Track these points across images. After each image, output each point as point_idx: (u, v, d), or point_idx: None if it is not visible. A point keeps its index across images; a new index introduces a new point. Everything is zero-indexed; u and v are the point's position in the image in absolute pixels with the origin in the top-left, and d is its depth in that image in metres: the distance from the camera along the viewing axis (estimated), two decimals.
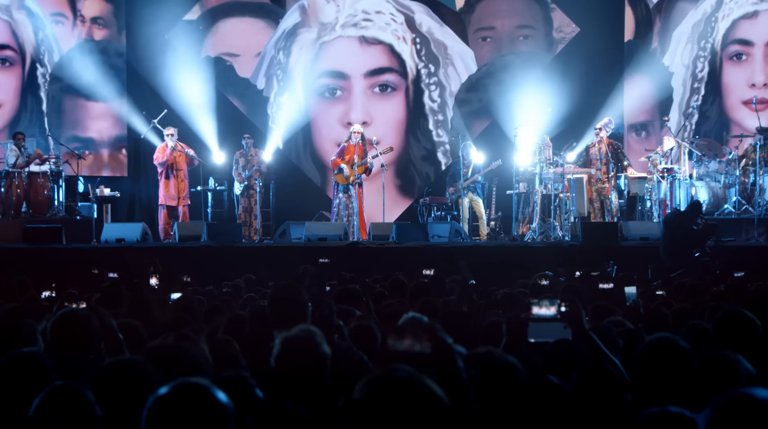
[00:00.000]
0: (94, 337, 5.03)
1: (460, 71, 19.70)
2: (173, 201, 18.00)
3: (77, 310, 5.23)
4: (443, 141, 19.79)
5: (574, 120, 19.24)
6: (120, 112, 19.97)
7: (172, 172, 17.99)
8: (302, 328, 4.49)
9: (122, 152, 20.35)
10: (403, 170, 19.64)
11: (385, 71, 19.57)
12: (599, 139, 17.18)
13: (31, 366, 4.10)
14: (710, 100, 19.37)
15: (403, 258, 15.36)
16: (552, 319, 4.42)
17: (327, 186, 19.92)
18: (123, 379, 3.77)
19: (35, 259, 14.95)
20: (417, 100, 19.72)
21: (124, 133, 20.17)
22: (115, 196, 18.70)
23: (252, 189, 18.68)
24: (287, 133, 19.70)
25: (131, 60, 20.40)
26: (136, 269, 13.54)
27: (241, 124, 20.19)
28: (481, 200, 18.52)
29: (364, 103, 19.63)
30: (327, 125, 19.83)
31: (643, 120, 19.78)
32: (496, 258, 15.13)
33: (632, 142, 19.63)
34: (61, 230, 16.29)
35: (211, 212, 19.34)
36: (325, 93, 19.79)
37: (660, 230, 16.29)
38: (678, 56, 19.44)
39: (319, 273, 9.20)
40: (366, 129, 18.64)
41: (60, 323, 5.02)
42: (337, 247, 16.22)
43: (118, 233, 16.86)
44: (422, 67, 19.59)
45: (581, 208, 17.13)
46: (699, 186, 17.33)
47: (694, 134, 19.25)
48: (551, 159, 17.33)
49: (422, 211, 19.33)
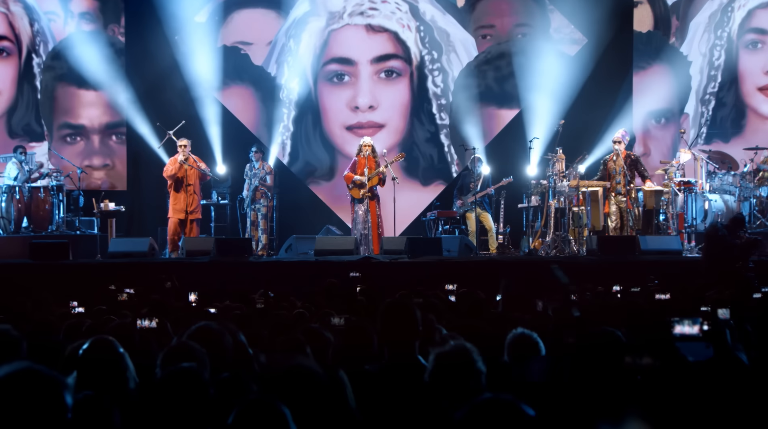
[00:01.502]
0: (229, 353, 5.00)
1: (462, 58, 20.34)
2: (182, 214, 17.58)
3: (211, 326, 5.14)
4: (446, 124, 20.38)
5: (581, 131, 19.01)
6: (111, 99, 20.15)
7: (182, 185, 17.58)
8: (457, 344, 4.56)
9: (112, 139, 20.36)
10: (408, 152, 19.74)
11: (391, 58, 20.28)
12: (617, 152, 16.87)
13: (192, 381, 4.01)
14: (727, 87, 19.80)
15: (422, 273, 15.09)
16: (695, 338, 4.16)
17: (337, 168, 20.29)
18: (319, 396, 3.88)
19: (43, 275, 14.57)
20: (421, 85, 20.35)
21: (115, 119, 20.27)
22: (120, 210, 18.27)
23: (258, 203, 18.34)
24: (297, 117, 20.30)
25: (131, 63, 20.31)
26: (152, 285, 13.29)
27: (246, 137, 20.02)
28: (490, 214, 18.29)
29: (370, 87, 20.27)
30: (335, 109, 20.39)
31: (662, 107, 20.15)
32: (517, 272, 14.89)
33: (652, 128, 20.11)
34: (68, 246, 15.93)
35: (214, 227, 19.01)
36: (333, 78, 20.40)
37: (676, 242, 16.12)
38: (695, 45, 19.95)
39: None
40: (372, 112, 19.86)
41: (197, 338, 4.93)
42: (349, 262, 15.91)
43: (124, 248, 16.48)
44: (426, 54, 20.24)
45: (596, 222, 16.85)
46: (713, 199, 17.11)
47: (711, 121, 19.78)
48: (564, 172, 17.07)
49: (430, 226, 19.06)
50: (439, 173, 20.38)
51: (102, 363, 4.49)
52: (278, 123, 20.27)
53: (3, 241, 17.31)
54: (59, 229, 17.95)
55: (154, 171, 19.67)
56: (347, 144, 20.20)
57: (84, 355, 4.57)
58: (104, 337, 4.74)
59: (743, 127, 19.67)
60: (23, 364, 3.16)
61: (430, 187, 20.44)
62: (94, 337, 4.75)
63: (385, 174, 17.36)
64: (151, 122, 19.61)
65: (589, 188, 16.78)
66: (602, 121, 19.64)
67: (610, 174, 16.94)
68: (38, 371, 3.15)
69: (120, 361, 4.53)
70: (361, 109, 20.31)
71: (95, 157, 20.28)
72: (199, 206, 17.87)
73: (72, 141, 20.26)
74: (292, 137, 20.41)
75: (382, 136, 20.18)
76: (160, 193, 19.85)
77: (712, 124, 19.78)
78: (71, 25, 20.19)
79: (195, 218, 17.76)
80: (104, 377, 4.45)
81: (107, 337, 4.75)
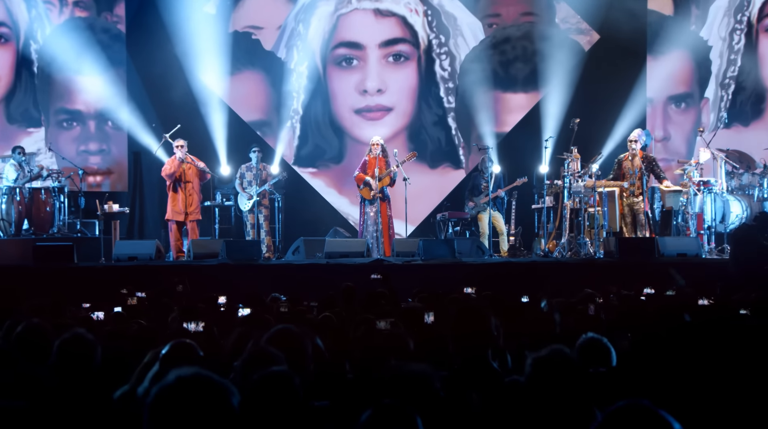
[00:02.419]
0: (309, 357, 4.97)
1: (470, 41, 20.42)
2: (180, 216, 17.12)
3: (291, 329, 5.08)
4: (452, 107, 20.41)
5: (592, 129, 18.67)
6: (106, 84, 19.95)
7: (180, 185, 17.14)
8: (554, 348, 4.60)
9: (108, 124, 20.15)
10: (416, 135, 20.28)
11: (399, 42, 20.42)
12: (633, 152, 16.48)
13: (284, 385, 3.98)
14: (746, 71, 19.78)
15: (437, 275, 14.73)
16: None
17: (345, 151, 20.37)
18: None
19: (49, 279, 14.14)
20: (428, 69, 20.43)
21: (111, 105, 19.99)
22: (124, 212, 17.82)
23: (262, 205, 17.96)
24: (306, 101, 20.30)
25: (132, 64, 20.06)
26: (163, 289, 12.91)
27: (250, 136, 19.67)
28: (501, 215, 17.92)
29: (378, 71, 20.37)
30: (343, 93, 20.47)
31: (682, 92, 20.15)
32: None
33: (671, 113, 20.13)
34: (73, 248, 15.48)
35: (218, 229, 18.60)
36: (342, 62, 20.49)
37: (695, 244, 15.76)
38: (715, 29, 19.94)
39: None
40: (380, 96, 20.08)
41: (275, 341, 4.88)
42: (360, 265, 15.54)
43: (130, 251, 16.02)
44: (433, 38, 20.36)
45: (613, 223, 16.44)
46: (731, 200, 16.75)
47: (731, 105, 19.71)
48: (580, 171, 16.69)
49: (440, 226, 18.68)
50: (447, 156, 20.41)
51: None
52: (288, 107, 20.28)
53: (3, 243, 16.85)
54: (61, 232, 17.54)
55: (155, 172, 19.31)
56: (356, 127, 20.34)
57: (165, 359, 4.51)
58: (183, 341, 4.71)
59: (763, 110, 19.66)
60: (193, 370, 3.14)
61: (438, 170, 20.40)
62: (174, 341, 4.69)
63: (396, 173, 16.97)
64: (152, 123, 19.25)
65: (606, 188, 16.35)
66: (615, 116, 19.40)
67: (625, 174, 16.55)
68: (208, 377, 3.12)
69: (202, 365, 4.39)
70: (369, 92, 20.34)
71: (91, 142, 20.14)
72: (199, 207, 17.41)
73: (68, 126, 20.10)
74: (301, 121, 20.45)
75: (390, 119, 20.36)
76: (162, 194, 19.49)
77: (732, 108, 19.75)
78: (66, 13, 20.11)
79: (194, 219, 17.27)
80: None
81: (187, 341, 4.72)
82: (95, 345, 4.95)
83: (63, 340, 4.94)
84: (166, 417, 3.05)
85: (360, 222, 17.31)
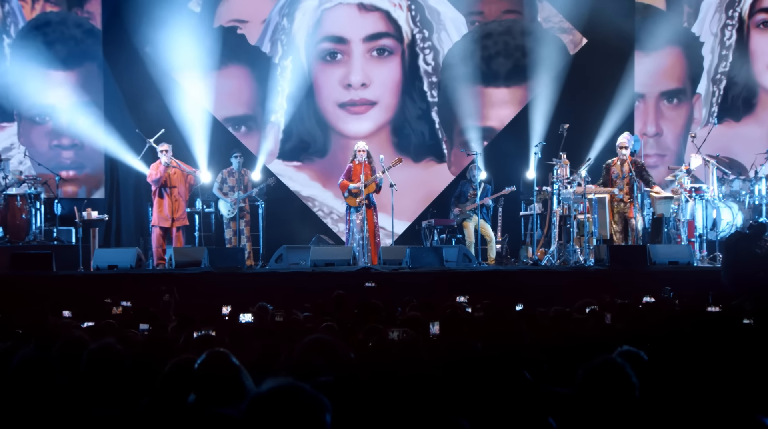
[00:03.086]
0: (345, 365, 4.96)
1: (453, 36, 20.45)
2: (166, 222, 16.76)
3: (324, 338, 5.11)
4: (436, 101, 20.36)
5: (580, 133, 18.44)
6: (79, 79, 19.68)
7: (165, 190, 16.77)
8: (606, 358, 4.55)
9: (80, 119, 19.59)
10: (400, 129, 20.26)
11: (383, 36, 20.42)
12: (622, 158, 16.22)
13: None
14: (738, 66, 19.87)
15: (426, 284, 14.46)
16: None
17: (330, 146, 20.24)
18: None
19: (29, 287, 13.73)
20: (412, 63, 20.40)
21: (84, 99, 19.60)
22: (104, 219, 17.37)
23: (244, 211, 17.63)
24: (291, 95, 20.14)
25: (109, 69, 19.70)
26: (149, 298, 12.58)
27: (231, 142, 19.38)
28: (488, 223, 17.65)
29: (362, 66, 20.32)
30: (328, 87, 20.37)
31: (674, 88, 20.19)
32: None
33: (663, 109, 20.15)
34: (51, 257, 15.07)
35: (199, 236, 18.22)
36: (326, 56, 20.43)
37: (687, 251, 15.55)
38: (707, 25, 20.05)
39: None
40: (364, 90, 19.99)
41: (311, 348, 4.90)
42: (347, 273, 15.23)
43: (110, 259, 15.59)
44: (417, 33, 20.34)
45: (603, 231, 16.18)
46: (721, 207, 16.54)
47: (722, 100, 19.77)
48: (569, 177, 16.42)
49: (425, 234, 18.39)
50: (431, 150, 20.34)
51: (220, 377, 4.42)
52: (273, 101, 20.12)
53: None
54: (37, 240, 17.09)
55: (132, 179, 18.93)
56: (340, 121, 20.24)
57: (201, 369, 4.45)
58: (219, 350, 4.58)
59: (754, 106, 19.77)
60: (287, 381, 3.14)
61: (422, 164, 20.24)
62: (210, 350, 4.59)
63: (382, 180, 16.65)
64: (128, 128, 18.87)
65: (596, 195, 16.09)
66: (602, 114, 19.26)
67: (613, 180, 16.30)
68: (303, 389, 3.11)
69: (238, 374, 4.47)
70: (353, 86, 20.23)
71: (64, 137, 19.65)
72: (185, 213, 17.07)
73: (41, 121, 19.65)
74: (285, 115, 20.23)
75: (374, 113, 20.25)
76: (139, 201, 19.10)
77: (723, 104, 19.83)
78: (38, 8, 19.79)
79: (181, 225, 16.94)
80: (223, 391, 4.39)
81: (221, 350, 4.60)
82: (123, 354, 4.88)
83: (92, 351, 4.84)
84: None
85: (345, 229, 16.98)
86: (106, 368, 4.75)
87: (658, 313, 9.01)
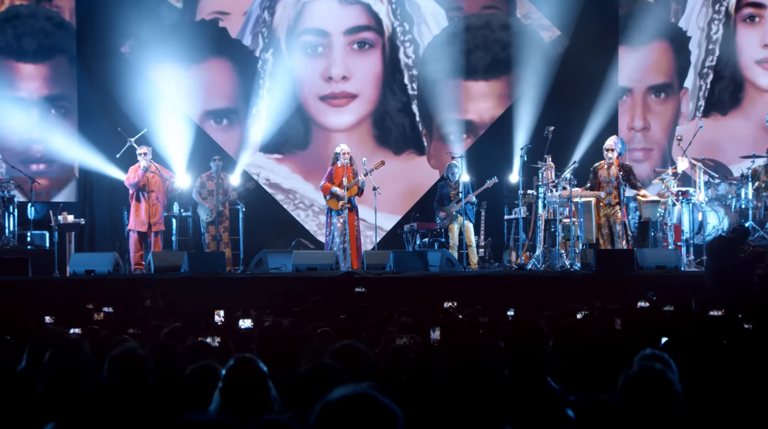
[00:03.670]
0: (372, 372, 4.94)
1: (433, 29, 20.47)
2: (143, 226, 16.43)
3: (353, 344, 5.02)
4: (416, 95, 20.34)
5: (563, 134, 18.25)
6: (50, 71, 19.45)
7: (143, 194, 16.43)
8: (647, 366, 4.44)
9: (51, 112, 19.45)
10: (381, 122, 20.25)
11: (363, 29, 20.47)
12: (609, 161, 15.98)
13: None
14: (725, 61, 20.03)
15: (413, 289, 14.21)
16: None
17: (311, 138, 20.16)
18: None
19: (5, 293, 13.33)
20: (393, 56, 20.42)
21: (54, 92, 19.45)
22: (80, 223, 16.96)
23: (223, 216, 17.33)
24: (272, 87, 20.01)
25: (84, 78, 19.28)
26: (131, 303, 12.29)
27: (210, 146, 19.11)
28: (472, 226, 17.38)
29: (343, 58, 20.36)
30: (309, 80, 20.34)
31: (662, 82, 20.28)
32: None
33: (651, 103, 20.28)
34: (27, 262, 14.69)
35: (176, 241, 17.89)
36: (308, 49, 20.41)
37: (675, 256, 15.37)
38: (694, 19, 20.20)
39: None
40: (345, 83, 20.02)
41: (341, 354, 4.81)
42: (330, 278, 14.94)
43: (87, 264, 15.21)
44: (397, 26, 20.38)
45: (589, 235, 15.96)
46: (707, 211, 16.36)
47: (709, 94, 19.90)
48: (555, 180, 16.19)
49: (408, 238, 18.13)
50: (411, 142, 20.36)
51: (249, 382, 4.34)
52: (255, 94, 20.07)
53: None
54: (9, 244, 16.71)
55: (106, 182, 18.56)
56: (321, 114, 20.21)
57: (229, 375, 4.34)
58: (245, 356, 4.51)
59: (741, 99, 19.94)
60: (362, 389, 3.06)
61: (402, 156, 20.18)
62: (237, 356, 4.52)
63: (364, 182, 16.37)
64: (103, 125, 18.53)
65: (582, 199, 15.87)
66: (588, 110, 19.23)
67: (601, 183, 16.07)
68: (376, 398, 3.03)
69: (266, 380, 4.40)
70: (334, 79, 20.22)
71: (34, 130, 19.31)
72: (163, 217, 16.74)
73: (11, 115, 19.20)
74: (267, 107, 20.12)
75: (355, 106, 20.23)
76: (113, 205, 18.72)
77: (710, 97, 19.96)
78: (7, 0, 19.56)
79: (158, 230, 16.62)
80: (249, 396, 4.32)
81: (248, 356, 4.52)
82: (147, 359, 4.77)
83: (114, 356, 4.66)
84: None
85: (326, 233, 16.68)
86: (128, 373, 4.50)
87: (666, 318, 8.81)
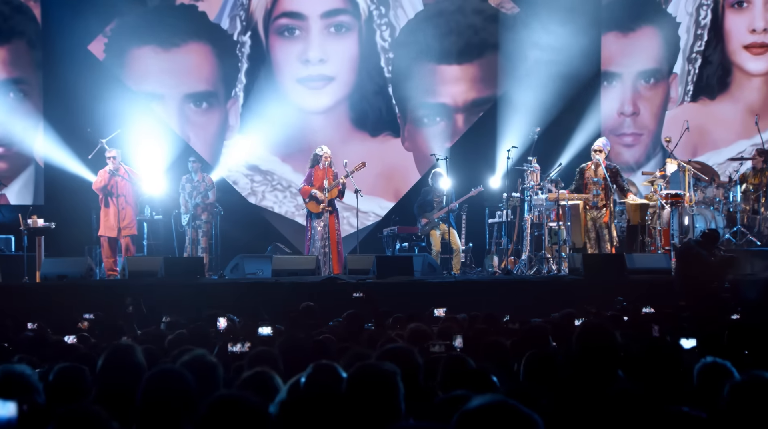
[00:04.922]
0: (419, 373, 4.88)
1: (409, 12, 20.46)
2: (113, 231, 15.87)
3: (401, 346, 5.05)
4: (391, 78, 20.33)
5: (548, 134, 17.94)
6: (9, 54, 19.30)
7: (111, 199, 15.89)
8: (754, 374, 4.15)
9: (10, 95, 19.17)
10: (357, 104, 20.27)
11: (340, 13, 20.49)
12: (596, 162, 15.56)
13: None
14: (713, 46, 20.10)
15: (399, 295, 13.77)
16: None
17: (288, 122, 19.68)
18: None
19: None
20: (369, 40, 20.44)
21: (14, 75, 19.23)
22: (50, 227, 16.33)
23: (199, 219, 16.81)
24: (249, 70, 20.12)
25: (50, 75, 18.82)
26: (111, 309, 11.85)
27: (182, 147, 18.70)
28: (456, 231, 16.94)
29: (320, 42, 20.37)
30: (286, 62, 20.33)
31: (651, 67, 20.31)
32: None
33: (641, 88, 20.32)
34: None
35: (147, 245, 17.34)
36: (285, 32, 20.38)
37: (664, 260, 15.05)
38: (682, 5, 20.25)
39: None
40: (322, 66, 20.05)
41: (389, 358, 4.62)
42: (312, 283, 14.47)
43: (59, 269, 14.68)
44: (374, 9, 20.38)
45: (577, 239, 15.57)
46: (696, 213, 16.06)
47: (697, 79, 19.95)
48: (540, 183, 15.80)
49: (387, 241, 17.68)
50: (387, 125, 20.36)
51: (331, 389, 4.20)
52: (233, 77, 20.12)
53: None
54: None
55: (72, 184, 17.98)
56: (298, 96, 20.13)
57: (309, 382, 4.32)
58: (323, 362, 4.45)
59: (729, 84, 20.02)
60: (497, 398, 3.01)
61: (379, 139, 20.18)
62: (315, 363, 4.45)
63: (345, 185, 15.92)
64: (70, 131, 17.99)
65: (569, 202, 15.47)
66: (570, 121, 18.96)
67: (587, 185, 15.65)
68: (516, 407, 2.98)
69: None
70: (311, 62, 20.24)
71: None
72: (134, 221, 16.18)
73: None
74: (244, 90, 20.16)
75: (332, 88, 20.23)
76: (81, 209, 18.13)
77: (699, 82, 20.00)
78: None
79: (129, 234, 16.06)
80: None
81: (324, 361, 4.48)
82: (216, 365, 4.65)
83: (185, 363, 4.53)
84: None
85: (306, 237, 16.19)
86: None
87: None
